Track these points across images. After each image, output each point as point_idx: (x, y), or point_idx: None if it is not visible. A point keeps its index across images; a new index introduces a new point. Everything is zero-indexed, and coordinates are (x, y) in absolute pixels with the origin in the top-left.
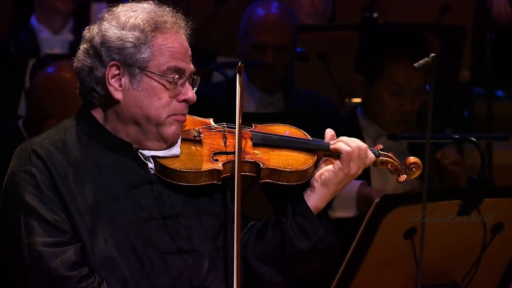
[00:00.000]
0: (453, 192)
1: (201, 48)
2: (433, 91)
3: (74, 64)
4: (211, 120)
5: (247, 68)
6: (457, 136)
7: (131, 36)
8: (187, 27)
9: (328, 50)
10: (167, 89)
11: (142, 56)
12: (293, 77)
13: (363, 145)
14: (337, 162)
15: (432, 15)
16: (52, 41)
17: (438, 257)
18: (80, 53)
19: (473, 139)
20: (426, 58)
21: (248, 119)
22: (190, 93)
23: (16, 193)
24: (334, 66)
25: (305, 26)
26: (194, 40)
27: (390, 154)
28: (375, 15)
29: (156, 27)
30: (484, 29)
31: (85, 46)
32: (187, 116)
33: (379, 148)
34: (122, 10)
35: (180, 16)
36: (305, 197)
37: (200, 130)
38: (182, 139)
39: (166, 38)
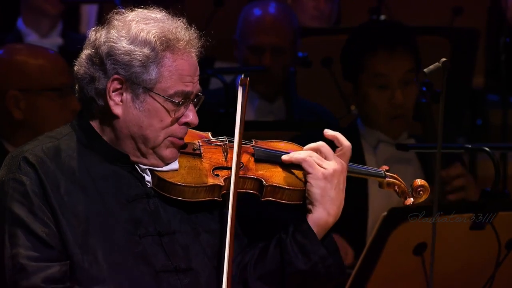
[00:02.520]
0: (465, 205)
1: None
2: (445, 98)
3: (75, 69)
4: (209, 134)
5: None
6: (470, 146)
7: (140, 53)
8: (199, 44)
9: (333, 55)
10: (170, 112)
11: (149, 77)
12: (295, 84)
13: (319, 143)
14: (305, 174)
15: (444, 18)
16: (39, 45)
17: (449, 275)
18: (83, 58)
19: (487, 149)
20: (437, 63)
21: (246, 128)
22: (192, 116)
23: (3, 202)
24: (339, 72)
25: (308, 29)
26: None
27: (396, 176)
28: (382, 17)
29: (168, 46)
30: (498, 33)
31: (89, 52)
32: None
33: (385, 170)
34: (134, 20)
35: (193, 31)
36: (307, 216)
37: (200, 143)
38: (181, 152)
39: (176, 59)
